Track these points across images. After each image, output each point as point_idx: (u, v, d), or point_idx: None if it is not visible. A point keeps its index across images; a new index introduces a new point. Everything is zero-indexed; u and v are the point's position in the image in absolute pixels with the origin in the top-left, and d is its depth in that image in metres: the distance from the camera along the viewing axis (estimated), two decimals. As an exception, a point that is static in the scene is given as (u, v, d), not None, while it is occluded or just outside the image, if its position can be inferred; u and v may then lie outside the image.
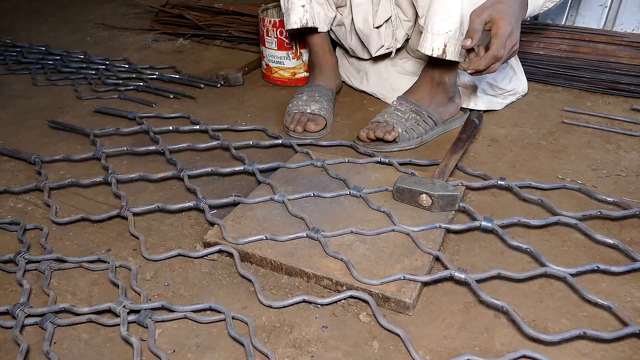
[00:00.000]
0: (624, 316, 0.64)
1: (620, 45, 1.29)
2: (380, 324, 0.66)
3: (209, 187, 0.97)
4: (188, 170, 0.98)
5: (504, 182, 0.91)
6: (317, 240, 0.78)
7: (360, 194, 0.88)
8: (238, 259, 0.76)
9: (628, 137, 1.11)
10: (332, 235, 0.79)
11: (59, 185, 0.97)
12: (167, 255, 0.79)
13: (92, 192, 0.97)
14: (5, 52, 1.71)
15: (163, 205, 0.89)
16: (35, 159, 1.05)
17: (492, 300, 0.67)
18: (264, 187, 0.93)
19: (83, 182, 0.97)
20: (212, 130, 1.15)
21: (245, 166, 0.98)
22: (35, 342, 0.66)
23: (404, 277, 0.70)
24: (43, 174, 1.00)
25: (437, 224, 0.80)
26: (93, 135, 1.14)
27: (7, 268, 0.78)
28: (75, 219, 0.88)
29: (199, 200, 0.88)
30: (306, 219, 0.82)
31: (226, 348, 0.64)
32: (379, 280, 0.70)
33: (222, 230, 0.80)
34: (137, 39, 1.89)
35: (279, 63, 1.40)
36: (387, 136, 1.05)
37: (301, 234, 0.79)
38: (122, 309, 0.68)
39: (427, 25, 0.99)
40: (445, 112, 1.14)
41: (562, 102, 1.28)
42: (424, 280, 0.70)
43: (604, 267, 0.73)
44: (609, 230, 0.83)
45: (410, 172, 0.94)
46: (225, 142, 1.08)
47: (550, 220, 0.82)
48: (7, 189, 0.97)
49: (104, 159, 1.04)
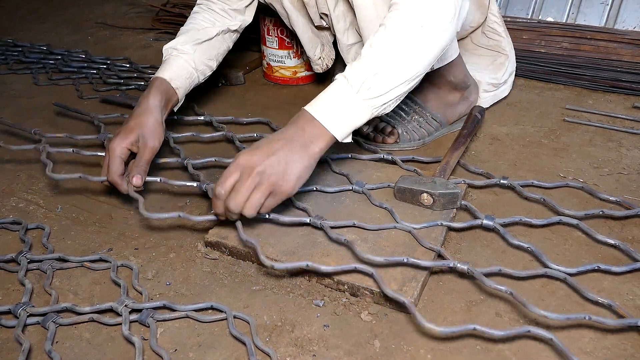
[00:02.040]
0: (625, 313, 0.64)
1: (622, 43, 1.29)
2: (384, 294, 0.66)
3: (210, 179, 0.97)
4: (191, 159, 0.97)
5: (506, 180, 0.91)
6: (319, 227, 0.78)
7: (363, 189, 0.88)
8: (242, 230, 0.75)
9: (630, 135, 1.11)
10: (334, 225, 0.79)
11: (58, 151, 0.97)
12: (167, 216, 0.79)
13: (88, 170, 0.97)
14: (7, 51, 1.71)
15: (165, 180, 0.88)
16: (36, 132, 1.05)
17: (496, 286, 0.66)
18: None
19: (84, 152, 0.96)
20: (216, 121, 1.15)
21: None
22: (37, 342, 0.66)
23: (406, 260, 0.70)
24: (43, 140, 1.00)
25: (438, 221, 0.80)
26: (97, 120, 1.14)
27: (9, 267, 0.78)
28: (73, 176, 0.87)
29: (202, 182, 0.88)
30: (308, 209, 0.82)
31: (228, 347, 0.64)
32: (382, 257, 0.70)
33: None
34: (138, 38, 1.89)
35: (280, 62, 1.40)
36: (387, 139, 1.05)
37: (305, 219, 0.79)
38: (124, 309, 0.68)
39: None
40: (454, 113, 1.09)
41: (564, 100, 1.27)
42: (427, 265, 0.70)
43: (605, 267, 0.72)
44: (610, 229, 0.83)
45: (413, 169, 0.94)
46: (229, 133, 1.09)
47: (552, 220, 0.82)
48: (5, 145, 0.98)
49: (108, 140, 1.02)
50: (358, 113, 0.75)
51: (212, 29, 1.07)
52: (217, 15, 1.10)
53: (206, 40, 1.05)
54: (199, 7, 1.12)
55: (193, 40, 1.03)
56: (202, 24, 1.08)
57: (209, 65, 1.07)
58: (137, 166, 0.85)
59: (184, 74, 0.99)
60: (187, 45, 1.01)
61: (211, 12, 1.10)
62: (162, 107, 0.93)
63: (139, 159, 0.86)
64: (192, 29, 1.06)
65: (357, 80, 0.73)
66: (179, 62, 0.99)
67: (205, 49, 1.05)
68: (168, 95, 0.96)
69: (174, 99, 0.98)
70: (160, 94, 0.93)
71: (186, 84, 1.01)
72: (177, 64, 0.99)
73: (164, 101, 0.94)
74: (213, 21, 1.09)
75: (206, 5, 1.11)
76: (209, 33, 1.07)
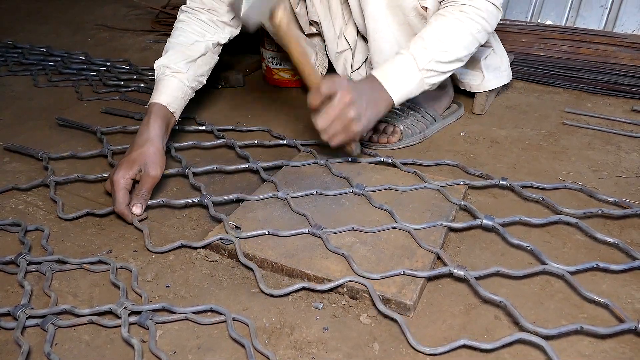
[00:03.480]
0: (621, 313, 0.65)
1: (621, 46, 1.29)
2: (377, 310, 0.67)
3: (211, 188, 0.97)
4: (193, 167, 0.98)
5: (505, 181, 0.92)
6: (318, 236, 0.79)
7: (363, 192, 0.89)
8: (239, 249, 0.76)
9: (628, 138, 1.12)
10: (333, 232, 0.79)
11: (65, 180, 0.99)
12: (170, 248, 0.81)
13: (93, 193, 0.97)
14: (7, 53, 1.71)
15: (167, 200, 0.90)
16: (42, 155, 1.07)
17: (490, 296, 0.67)
18: (267, 186, 0.93)
19: (89, 177, 0.99)
20: (217, 130, 1.16)
21: (250, 164, 0.99)
22: (37, 344, 0.66)
23: (404, 272, 0.71)
24: (50, 168, 1.02)
25: (438, 222, 0.81)
26: (100, 132, 1.15)
27: (8, 269, 0.78)
28: (80, 214, 0.89)
29: (203, 196, 0.89)
30: (308, 216, 0.82)
31: (227, 349, 0.64)
32: (379, 274, 0.70)
33: (224, 225, 0.81)
34: (137, 40, 1.90)
35: (279, 65, 1.40)
36: (392, 138, 1.06)
37: (303, 230, 0.80)
38: (123, 311, 0.68)
39: None
40: (440, 106, 1.17)
41: (563, 104, 1.28)
42: (424, 275, 0.71)
43: (604, 266, 0.73)
44: (609, 231, 0.83)
45: (413, 171, 0.95)
46: (230, 140, 1.09)
47: (552, 219, 0.82)
48: (15, 187, 0.99)
49: (110, 155, 1.05)
50: (416, 86, 0.91)
51: (202, 44, 1.06)
52: (206, 26, 1.08)
53: (199, 57, 1.05)
54: (185, 16, 1.09)
55: (185, 57, 1.03)
56: (192, 37, 1.06)
57: (200, 81, 1.08)
58: (137, 195, 0.88)
59: (179, 95, 1.01)
60: (180, 63, 1.02)
61: (200, 23, 1.08)
62: (162, 135, 0.95)
63: (141, 188, 0.89)
64: (182, 42, 1.05)
65: (423, 60, 0.89)
66: (174, 84, 1.00)
67: (198, 65, 1.05)
68: (167, 120, 0.98)
69: (172, 121, 1.00)
70: (160, 120, 0.96)
71: (182, 103, 1.03)
72: (172, 85, 1.00)
73: (164, 128, 0.96)
74: (203, 33, 1.07)
75: (193, 14, 1.08)
76: (199, 49, 1.05)
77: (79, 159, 1.08)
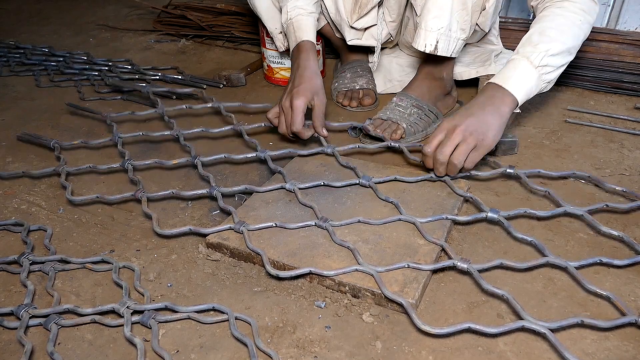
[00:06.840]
0: (622, 306, 0.65)
1: (624, 44, 1.29)
2: (384, 295, 0.67)
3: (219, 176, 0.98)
4: (202, 157, 1.00)
5: (512, 170, 0.92)
6: (325, 228, 0.79)
7: (370, 183, 0.89)
8: (247, 236, 0.78)
9: (631, 136, 1.11)
10: (339, 225, 0.80)
11: (77, 170, 1.01)
12: (179, 232, 0.82)
13: (103, 186, 0.97)
14: (9, 53, 1.71)
15: (177, 191, 0.90)
16: (54, 145, 1.09)
17: (492, 289, 0.67)
18: (274, 180, 0.95)
19: (100, 167, 1.01)
20: (224, 108, 1.19)
21: (258, 153, 1.01)
22: (40, 343, 0.66)
23: (408, 265, 0.71)
24: (62, 159, 1.04)
25: (443, 215, 0.81)
26: (110, 119, 1.17)
27: (11, 269, 0.78)
28: (90, 198, 0.91)
29: (212, 187, 0.90)
30: (315, 208, 0.83)
31: (229, 348, 0.64)
32: (383, 267, 0.71)
33: (233, 217, 0.83)
34: (139, 40, 1.90)
35: (280, 64, 1.40)
36: (394, 136, 1.06)
37: (310, 222, 0.81)
38: (126, 310, 0.68)
39: (421, 23, 1.01)
40: (443, 105, 1.18)
41: (565, 101, 1.27)
42: (428, 268, 0.71)
43: (607, 261, 0.73)
44: (614, 226, 0.83)
45: (420, 160, 0.96)
46: (238, 126, 1.11)
47: (557, 212, 0.82)
48: (26, 173, 1.02)
49: (120, 144, 1.07)
50: (535, 84, 0.92)
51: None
52: None
53: None
54: None
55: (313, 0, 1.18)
56: None
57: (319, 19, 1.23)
58: (319, 119, 1.03)
59: (315, 32, 1.16)
60: (310, 5, 1.16)
61: None
62: (318, 68, 1.09)
63: (319, 113, 1.03)
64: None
65: (537, 59, 0.91)
66: (312, 22, 1.15)
67: (319, 5, 1.21)
68: (316, 54, 1.12)
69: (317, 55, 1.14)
70: (313, 55, 1.10)
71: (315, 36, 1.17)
72: (311, 24, 1.14)
73: (317, 61, 1.11)
74: None
75: None
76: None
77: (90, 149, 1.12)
